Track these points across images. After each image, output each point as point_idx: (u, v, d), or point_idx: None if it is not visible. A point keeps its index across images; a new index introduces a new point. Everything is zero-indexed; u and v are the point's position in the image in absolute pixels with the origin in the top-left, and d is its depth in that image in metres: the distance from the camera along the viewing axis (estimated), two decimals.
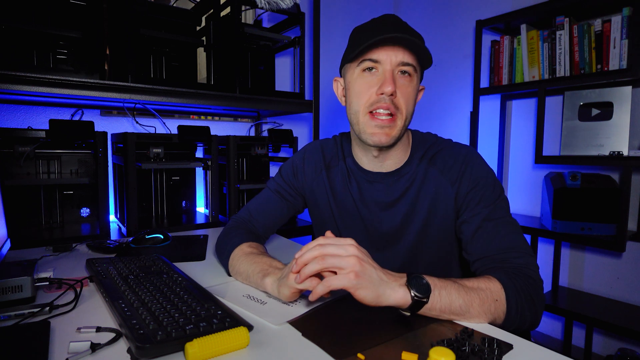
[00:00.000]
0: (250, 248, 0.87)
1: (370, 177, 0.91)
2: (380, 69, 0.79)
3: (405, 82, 0.80)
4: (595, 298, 1.83)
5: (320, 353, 0.56)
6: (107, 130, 1.39)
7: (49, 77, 1.19)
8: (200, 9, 1.68)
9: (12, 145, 1.30)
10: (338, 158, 0.98)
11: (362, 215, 0.94)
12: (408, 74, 0.80)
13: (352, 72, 0.83)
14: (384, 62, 0.78)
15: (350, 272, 0.61)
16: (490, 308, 0.67)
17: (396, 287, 0.63)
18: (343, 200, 0.96)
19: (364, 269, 0.61)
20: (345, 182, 0.95)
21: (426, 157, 0.89)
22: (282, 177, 1.05)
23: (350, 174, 0.95)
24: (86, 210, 1.47)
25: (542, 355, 0.56)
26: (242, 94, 1.60)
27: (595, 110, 1.66)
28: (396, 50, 0.78)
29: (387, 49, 0.78)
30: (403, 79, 0.80)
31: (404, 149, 0.90)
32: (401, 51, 0.78)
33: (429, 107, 2.56)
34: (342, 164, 0.97)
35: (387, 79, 0.77)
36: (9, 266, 0.79)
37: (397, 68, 0.79)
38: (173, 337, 0.55)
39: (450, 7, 2.40)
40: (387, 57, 0.78)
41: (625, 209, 1.53)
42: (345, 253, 0.62)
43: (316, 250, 0.63)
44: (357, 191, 0.93)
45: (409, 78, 0.80)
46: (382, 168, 0.90)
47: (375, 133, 0.81)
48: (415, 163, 0.89)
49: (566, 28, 1.68)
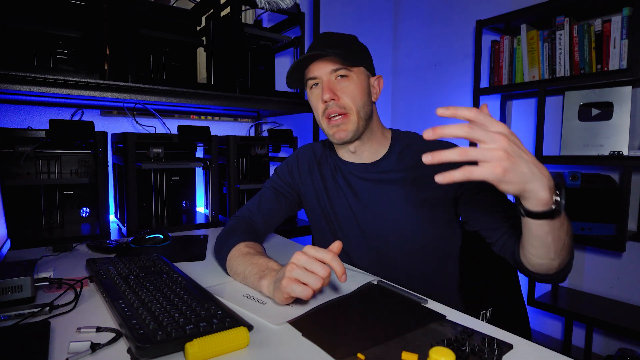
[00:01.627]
0: (248, 248, 0.88)
1: (351, 168, 1.01)
2: (320, 81, 0.93)
3: (345, 84, 0.91)
4: (595, 298, 1.83)
5: (320, 353, 0.56)
6: (107, 130, 1.39)
7: (49, 77, 1.19)
8: (200, 9, 1.68)
9: (12, 145, 1.30)
10: (326, 155, 1.08)
11: (350, 204, 1.00)
12: (345, 76, 0.91)
13: (307, 91, 0.98)
14: (319, 75, 0.92)
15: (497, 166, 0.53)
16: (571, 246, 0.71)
17: (545, 186, 0.57)
18: (333, 193, 1.04)
19: (515, 164, 0.54)
20: (333, 175, 1.04)
21: (408, 150, 0.97)
22: (278, 175, 1.12)
23: (336, 167, 1.04)
24: (86, 210, 1.47)
25: (542, 355, 0.56)
26: (242, 94, 1.60)
27: (595, 110, 1.66)
28: (325, 62, 0.91)
29: (318, 64, 0.92)
30: (342, 82, 0.91)
31: (379, 142, 0.99)
32: (328, 62, 0.90)
33: (429, 107, 2.56)
34: (330, 159, 1.06)
35: (324, 89, 0.91)
36: (9, 266, 0.79)
37: (333, 75, 0.91)
38: (173, 337, 0.55)
39: (450, 7, 2.40)
40: (319, 71, 0.92)
41: (625, 209, 1.53)
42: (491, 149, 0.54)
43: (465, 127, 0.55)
44: (344, 182, 1.02)
45: (347, 79, 0.91)
46: (361, 159, 1.00)
47: (335, 132, 0.93)
48: (394, 156, 0.98)
49: (566, 28, 1.68)
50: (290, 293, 0.67)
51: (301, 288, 0.66)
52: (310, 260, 0.67)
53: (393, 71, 2.78)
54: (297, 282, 0.66)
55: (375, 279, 0.86)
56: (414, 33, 2.63)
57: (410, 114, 2.68)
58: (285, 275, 0.67)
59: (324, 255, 0.67)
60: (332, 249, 0.69)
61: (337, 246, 0.70)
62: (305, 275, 0.66)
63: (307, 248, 0.68)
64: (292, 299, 0.70)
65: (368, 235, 0.98)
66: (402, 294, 0.77)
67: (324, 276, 0.66)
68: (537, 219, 0.61)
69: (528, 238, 0.68)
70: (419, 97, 2.61)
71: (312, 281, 0.65)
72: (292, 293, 0.67)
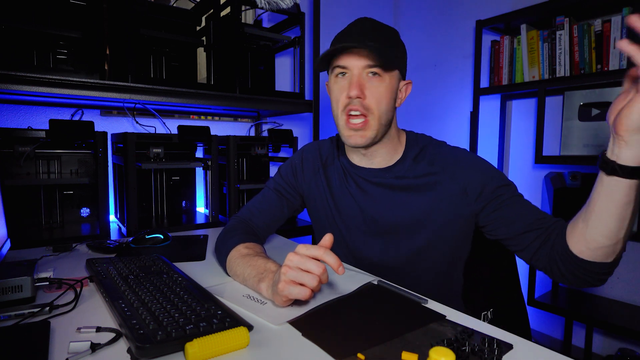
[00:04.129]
0: (247, 249, 0.87)
1: (363, 173, 0.95)
2: (349, 73, 0.85)
3: (375, 83, 0.84)
4: (595, 298, 1.83)
5: (320, 353, 0.56)
6: (107, 130, 1.39)
7: (49, 77, 1.19)
8: (200, 9, 1.68)
9: (12, 145, 1.30)
10: (334, 156, 1.02)
11: (361, 209, 0.95)
12: (378, 75, 0.84)
13: (330, 77, 0.90)
14: (351, 67, 0.84)
15: None
16: None
17: None
18: (341, 197, 0.98)
19: None
20: (341, 179, 0.98)
21: (423, 155, 0.92)
22: (282, 176, 1.07)
23: (345, 172, 0.98)
24: (86, 210, 1.47)
25: (542, 355, 0.56)
26: (242, 94, 1.60)
27: (595, 110, 1.66)
28: (360, 55, 0.82)
29: (352, 54, 0.83)
30: (373, 80, 0.84)
31: (394, 146, 0.93)
32: (365, 56, 0.82)
33: (429, 107, 2.56)
34: (337, 162, 1.00)
35: (352, 83, 0.83)
36: (9, 266, 0.79)
37: (365, 71, 0.83)
38: (173, 337, 0.55)
39: (450, 7, 2.40)
40: (352, 62, 0.83)
41: None
42: None
43: None
44: (355, 188, 0.96)
45: (379, 78, 0.84)
46: (372, 164, 0.94)
47: (351, 136, 0.86)
48: (408, 161, 0.92)
49: (566, 28, 1.68)
50: (288, 296, 0.66)
51: (298, 289, 0.65)
52: (303, 259, 0.66)
53: None
54: (294, 283, 0.66)
55: (375, 279, 0.86)
56: (414, 33, 2.63)
57: (411, 114, 2.68)
58: (280, 279, 0.66)
59: (316, 252, 0.66)
60: (323, 244, 0.68)
61: (327, 239, 0.69)
62: (300, 275, 0.65)
63: (299, 247, 0.68)
64: (291, 301, 0.70)
65: (378, 241, 0.94)
66: (402, 294, 0.77)
67: (318, 273, 0.65)
68: (631, 178, 0.58)
69: (602, 211, 0.63)
70: (419, 97, 2.61)
71: (308, 280, 0.65)
72: (290, 296, 0.66)
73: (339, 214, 0.99)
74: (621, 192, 0.60)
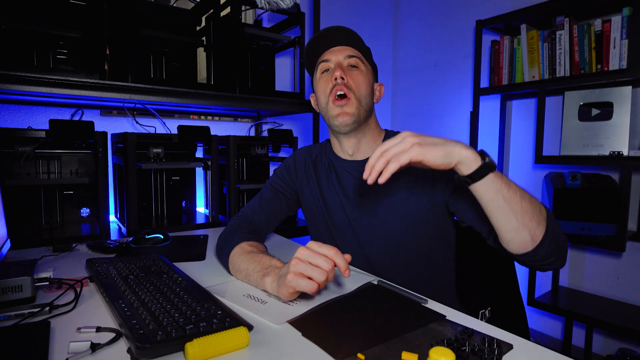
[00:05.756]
0: (251, 247, 0.89)
1: (345, 165, 1.02)
2: (331, 66, 0.97)
3: (355, 72, 0.96)
4: (595, 298, 1.83)
5: (320, 353, 0.56)
6: (107, 130, 1.39)
7: (49, 77, 1.19)
8: (200, 9, 1.68)
9: (12, 145, 1.30)
10: (322, 154, 1.10)
11: (342, 204, 1.01)
12: (356, 66, 0.96)
13: (316, 77, 1.01)
14: (332, 59, 0.96)
15: (412, 145, 0.66)
16: (535, 214, 0.70)
17: (464, 147, 0.67)
18: (327, 192, 1.05)
19: (423, 138, 0.67)
20: (327, 174, 1.06)
21: None
22: (277, 175, 1.15)
23: (330, 166, 1.06)
24: (86, 210, 1.47)
25: (542, 355, 0.56)
26: (242, 94, 1.60)
27: (595, 110, 1.66)
28: (341, 49, 0.97)
29: (333, 50, 0.97)
30: (353, 71, 0.96)
31: (374, 140, 1.01)
32: (344, 49, 0.96)
33: (429, 107, 2.56)
34: (325, 159, 1.08)
35: (336, 69, 0.94)
36: (9, 266, 0.79)
37: (345, 61, 0.96)
38: (173, 337, 0.55)
39: (450, 7, 2.40)
40: (333, 55, 0.97)
41: (625, 209, 1.53)
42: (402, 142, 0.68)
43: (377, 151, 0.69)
44: (336, 180, 1.03)
45: (357, 70, 0.96)
46: (356, 156, 1.01)
47: (338, 114, 0.94)
48: None
49: (566, 28, 1.68)
50: (296, 287, 0.68)
51: (306, 282, 0.67)
52: (314, 254, 0.68)
53: (393, 71, 2.78)
54: (302, 276, 0.67)
55: (375, 279, 0.86)
56: (414, 33, 2.63)
57: (410, 114, 2.68)
58: (290, 270, 0.68)
59: (328, 251, 0.68)
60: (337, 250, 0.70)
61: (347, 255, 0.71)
62: (310, 269, 0.67)
63: (311, 243, 0.70)
64: (297, 294, 0.71)
65: (359, 234, 0.99)
66: (402, 294, 0.77)
67: (327, 270, 0.67)
68: (478, 180, 0.67)
69: (487, 210, 0.71)
70: (419, 97, 2.61)
71: (316, 275, 0.67)
72: (298, 287, 0.67)
73: (326, 208, 1.04)
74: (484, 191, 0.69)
